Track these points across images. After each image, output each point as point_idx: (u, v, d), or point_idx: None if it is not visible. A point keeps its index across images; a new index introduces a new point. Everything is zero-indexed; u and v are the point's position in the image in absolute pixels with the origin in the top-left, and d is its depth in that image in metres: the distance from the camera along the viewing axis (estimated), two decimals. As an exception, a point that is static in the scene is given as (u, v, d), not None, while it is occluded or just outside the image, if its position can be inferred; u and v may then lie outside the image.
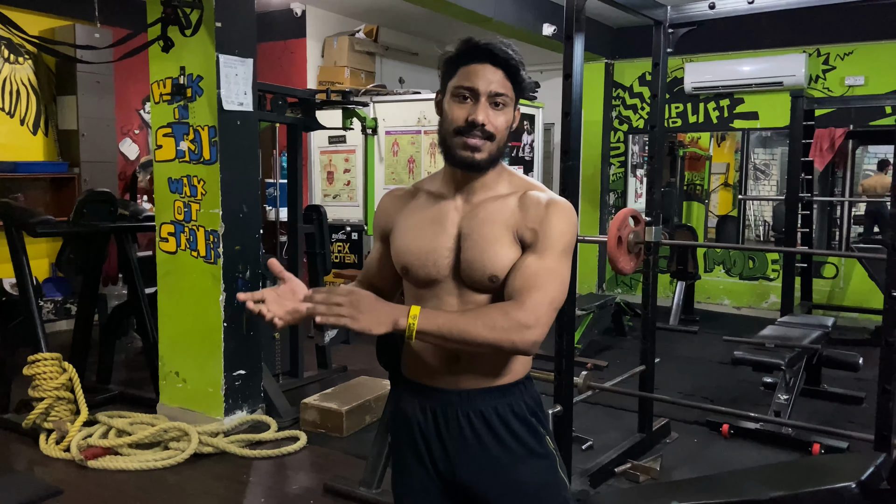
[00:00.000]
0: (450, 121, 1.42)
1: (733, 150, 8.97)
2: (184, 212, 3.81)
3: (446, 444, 1.47)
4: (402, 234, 1.51)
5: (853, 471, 1.89)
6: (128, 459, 3.42)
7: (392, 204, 1.57)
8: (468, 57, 1.41)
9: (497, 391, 1.46)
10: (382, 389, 4.06)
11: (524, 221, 1.43)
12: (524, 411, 1.48)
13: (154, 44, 3.46)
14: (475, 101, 1.40)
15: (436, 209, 1.49)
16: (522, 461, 1.46)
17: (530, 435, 1.47)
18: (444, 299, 1.45)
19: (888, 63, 6.33)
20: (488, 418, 1.45)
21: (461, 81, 1.41)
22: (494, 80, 1.40)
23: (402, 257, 1.48)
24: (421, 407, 1.49)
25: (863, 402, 4.37)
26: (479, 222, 1.44)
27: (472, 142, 1.40)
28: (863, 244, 6.92)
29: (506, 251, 1.41)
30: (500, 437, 1.45)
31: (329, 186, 6.64)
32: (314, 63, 6.90)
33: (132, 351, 5.23)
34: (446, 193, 1.50)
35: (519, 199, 1.46)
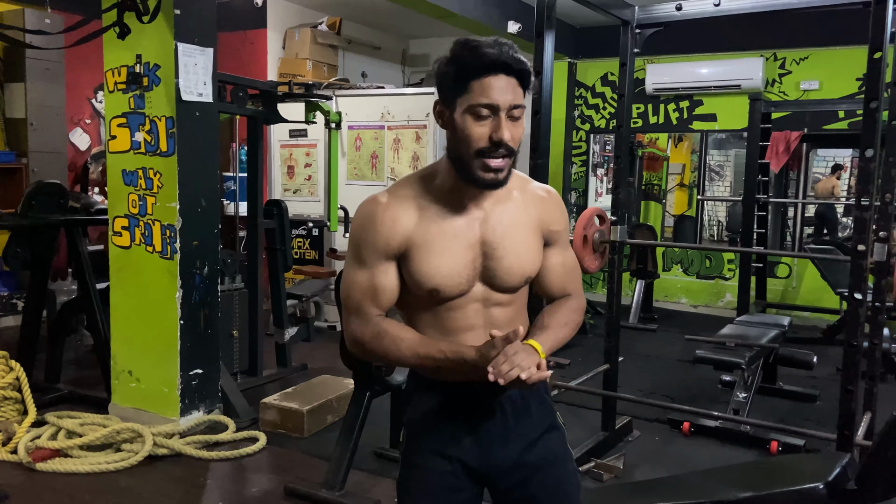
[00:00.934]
0: (470, 141, 1.35)
1: (689, 151, 9.12)
2: (139, 205, 3.68)
3: (477, 432, 1.49)
4: (425, 255, 1.42)
5: (819, 471, 1.90)
6: (78, 462, 3.28)
7: (394, 220, 1.42)
8: (481, 70, 1.33)
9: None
10: (344, 388, 3.99)
11: (546, 224, 1.52)
12: (539, 390, 1.55)
13: (109, 30, 3.32)
14: (495, 117, 1.34)
15: (450, 222, 1.44)
16: (545, 435, 1.54)
17: (547, 411, 1.57)
18: (470, 306, 1.46)
19: (841, 69, 6.50)
20: (514, 401, 1.50)
21: (479, 98, 1.33)
22: (511, 91, 1.35)
23: (432, 280, 1.42)
24: (449, 403, 1.49)
25: (817, 400, 4.47)
26: (504, 229, 1.45)
27: (495, 163, 1.36)
28: (814, 245, 7.10)
29: (537, 252, 1.51)
30: (524, 416, 1.51)
31: (289, 181, 6.52)
32: (275, 55, 6.76)
33: (82, 349, 5.05)
34: (454, 203, 1.44)
35: (522, 195, 1.50)
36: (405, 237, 1.42)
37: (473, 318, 1.46)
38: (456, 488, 1.50)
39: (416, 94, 5.94)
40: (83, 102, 6.35)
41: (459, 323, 1.46)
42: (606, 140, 8.21)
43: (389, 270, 1.44)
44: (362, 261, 1.44)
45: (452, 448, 1.49)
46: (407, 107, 5.93)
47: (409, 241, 1.42)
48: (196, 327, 3.70)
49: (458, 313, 1.45)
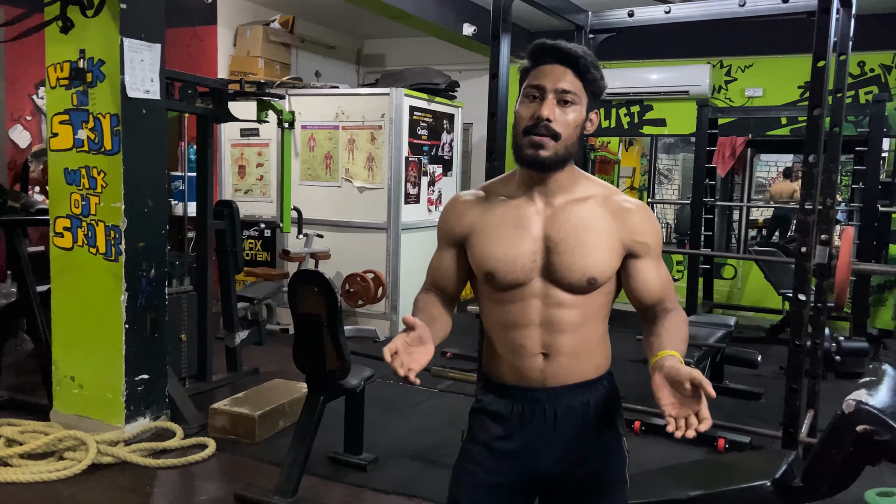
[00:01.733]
0: (518, 121, 1.44)
1: (640, 155, 9.30)
2: (81, 205, 3.55)
3: (530, 439, 1.49)
4: (483, 240, 1.50)
5: (766, 469, 1.95)
6: (19, 471, 3.15)
7: (465, 209, 1.55)
8: (538, 59, 1.44)
9: (582, 387, 1.50)
10: (297, 392, 3.93)
11: (631, 234, 1.47)
12: (607, 409, 1.52)
13: (52, 24, 3.20)
14: (542, 99, 1.42)
15: (515, 213, 1.49)
16: (599, 456, 1.51)
17: (609, 432, 1.53)
18: (529, 301, 1.46)
19: (784, 76, 6.71)
20: (573, 414, 1.49)
21: (530, 81, 1.44)
22: (563, 78, 1.42)
23: (486, 263, 1.48)
24: (506, 405, 1.51)
25: (761, 398, 4.59)
26: (571, 227, 1.45)
27: (536, 139, 1.41)
28: (758, 247, 7.32)
29: (608, 256, 1.46)
30: (580, 430, 1.49)
31: (240, 181, 6.41)
32: (225, 52, 6.63)
33: (22, 353, 4.86)
34: (523, 196, 1.50)
35: (605, 204, 1.49)
36: (470, 224, 1.52)
37: (532, 315, 1.47)
38: (503, 487, 1.52)
39: (372, 95, 5.90)
40: (24, 99, 6.11)
41: (518, 317, 1.47)
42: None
43: (448, 254, 1.57)
44: (438, 245, 1.61)
45: (504, 447, 1.51)
46: (362, 107, 5.89)
47: (472, 227, 1.52)
48: (142, 331, 3.60)
49: (517, 307, 1.47)
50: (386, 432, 3.80)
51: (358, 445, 3.43)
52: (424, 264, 1.67)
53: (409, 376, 1.30)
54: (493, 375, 1.56)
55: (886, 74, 6.43)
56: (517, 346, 1.49)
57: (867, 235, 5.43)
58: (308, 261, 5.71)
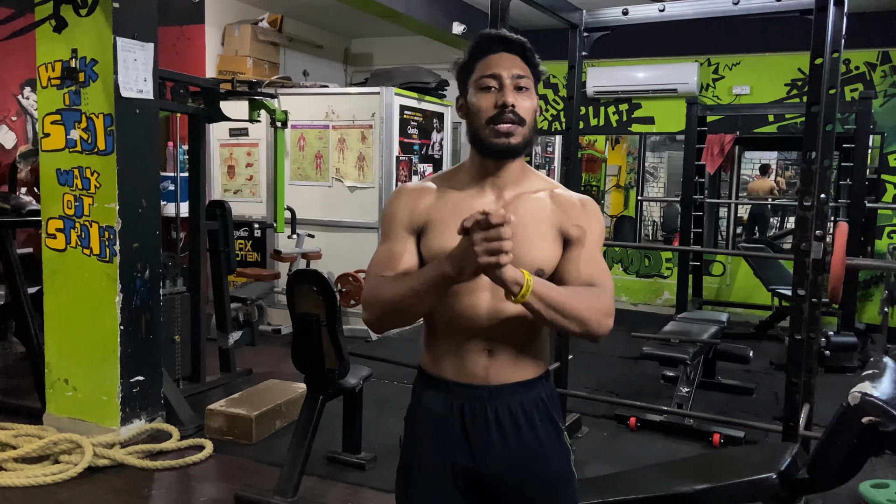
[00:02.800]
0: (480, 112, 1.42)
1: (626, 153, 9.35)
2: (74, 206, 3.52)
3: (471, 440, 1.47)
4: (437, 232, 1.46)
5: (770, 462, 1.97)
6: (13, 475, 3.11)
7: (417, 199, 1.50)
8: (484, 49, 1.44)
9: (524, 386, 1.48)
10: (293, 393, 3.92)
11: (568, 220, 1.47)
12: (547, 406, 1.51)
13: (45, 23, 3.16)
14: (500, 88, 1.41)
15: (467, 204, 1.45)
16: (545, 455, 1.49)
17: (552, 430, 1.50)
18: (478, 294, 1.43)
19: (771, 74, 6.78)
20: (515, 413, 1.46)
21: (483, 72, 1.43)
22: (515, 64, 1.43)
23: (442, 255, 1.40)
24: (447, 403, 1.48)
25: (753, 393, 4.64)
26: (520, 219, 1.41)
27: (504, 127, 1.40)
28: (747, 244, 7.38)
29: (552, 247, 1.46)
30: (525, 432, 1.47)
31: (230, 181, 6.37)
32: (213, 51, 6.58)
33: (12, 356, 4.80)
34: (476, 189, 1.48)
35: (551, 197, 1.50)
36: (424, 214, 1.48)
37: (480, 309, 1.43)
38: (450, 491, 1.48)
39: (362, 94, 5.89)
40: (8, 99, 6.04)
41: (466, 310, 1.44)
42: (547, 141, 8.33)
43: (407, 241, 1.49)
44: (385, 235, 1.52)
45: (447, 450, 1.48)
46: (352, 106, 5.87)
47: (427, 218, 1.48)
48: (137, 333, 3.57)
49: (466, 300, 1.43)
50: (383, 431, 3.79)
51: (357, 445, 3.42)
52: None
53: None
54: (433, 370, 1.51)
55: (871, 72, 6.52)
56: (461, 340, 1.46)
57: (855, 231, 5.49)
58: (299, 261, 5.68)
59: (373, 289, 1.44)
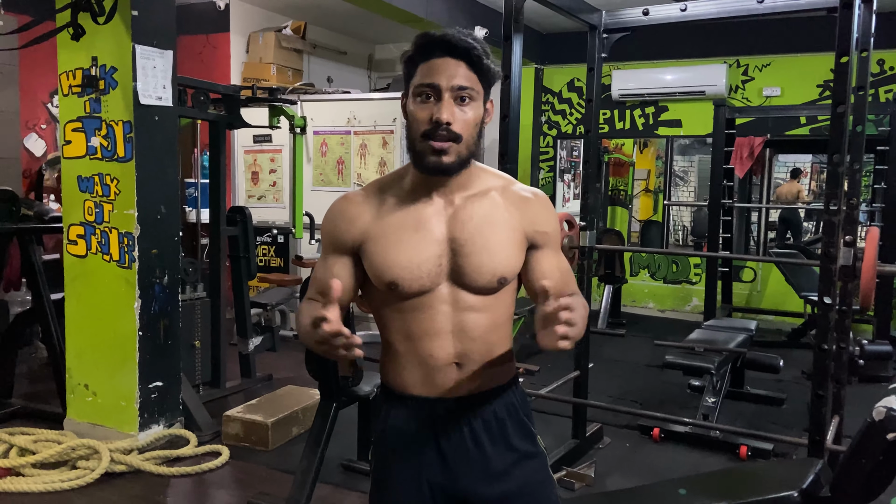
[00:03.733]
0: (414, 124, 1.33)
1: (654, 157, 9.21)
2: (95, 212, 3.54)
3: (446, 455, 1.41)
4: (382, 247, 1.37)
5: (793, 478, 1.88)
6: (31, 481, 3.13)
7: (356, 212, 1.40)
8: (426, 52, 1.32)
9: (493, 393, 1.43)
10: (310, 399, 3.90)
11: (532, 225, 1.42)
12: (518, 412, 1.46)
13: (63, 31, 3.20)
14: (438, 99, 1.31)
15: (413, 214, 1.38)
16: (521, 462, 1.44)
17: (525, 435, 1.46)
18: (437, 307, 1.37)
19: (802, 75, 6.61)
20: (487, 422, 1.42)
21: (421, 79, 1.32)
22: (457, 73, 1.31)
23: (389, 272, 1.35)
24: (417, 419, 1.41)
25: (783, 403, 4.50)
26: (475, 226, 1.36)
27: (437, 145, 1.31)
28: (778, 249, 7.20)
29: (514, 252, 1.40)
30: (499, 441, 1.42)
31: (254, 187, 6.40)
32: (238, 59, 6.63)
33: (37, 362, 4.87)
34: (420, 195, 1.39)
35: (505, 196, 1.42)
36: (363, 230, 1.39)
37: (442, 322, 1.37)
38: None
39: (383, 100, 5.89)
40: (38, 107, 6.14)
41: (426, 326, 1.37)
42: (573, 145, 8.24)
43: (339, 263, 1.41)
44: (324, 254, 1.46)
45: (422, 468, 1.41)
46: (373, 112, 5.86)
47: (367, 233, 1.39)
48: (155, 338, 3.58)
49: (425, 315, 1.37)
50: (400, 439, 3.76)
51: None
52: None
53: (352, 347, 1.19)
54: (397, 387, 1.43)
55: (908, 72, 6.32)
56: (426, 357, 1.38)
57: (890, 236, 5.31)
58: (322, 266, 5.68)
59: (297, 313, 1.47)
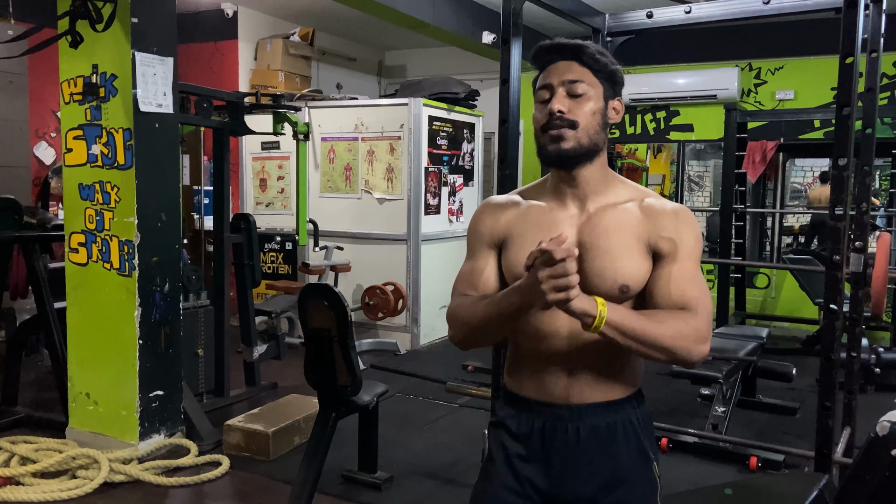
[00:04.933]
0: (536, 123, 1.42)
1: (668, 162, 9.11)
2: (95, 220, 3.54)
3: (552, 460, 1.42)
4: (518, 246, 1.44)
5: (796, 495, 1.81)
6: (30, 490, 3.11)
7: (499, 213, 1.50)
8: (541, 63, 1.43)
9: (608, 407, 1.42)
10: (312, 408, 3.85)
11: (657, 231, 1.38)
12: (636, 430, 1.43)
13: (61, 39, 3.20)
14: (553, 96, 1.39)
15: (549, 219, 1.44)
16: (628, 483, 1.41)
17: (639, 457, 1.43)
18: (557, 313, 1.34)
19: (816, 78, 6.50)
20: (598, 434, 1.41)
21: (539, 84, 1.43)
22: (568, 70, 1.39)
23: (520, 269, 1.36)
24: (527, 421, 1.45)
25: (796, 413, 4.39)
26: (603, 231, 1.39)
27: (554, 132, 1.38)
28: (793, 255, 7.07)
29: (638, 260, 1.38)
30: (608, 456, 1.41)
31: (262, 194, 6.40)
32: (246, 66, 6.65)
33: (43, 370, 4.87)
34: (557, 202, 1.45)
35: (640, 207, 1.42)
36: (506, 228, 1.48)
37: (559, 324, 1.39)
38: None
39: (390, 105, 5.85)
40: (48, 116, 6.19)
41: (546, 327, 1.41)
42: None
43: (489, 257, 1.49)
44: (469, 251, 1.52)
45: (525, 467, 1.44)
46: (381, 118, 5.84)
47: (509, 232, 1.47)
48: (156, 347, 3.56)
49: (545, 319, 1.40)
50: (402, 449, 3.70)
51: (372, 463, 3.34)
52: (445, 275, 1.60)
53: None
54: (514, 388, 1.50)
55: (925, 74, 6.19)
56: (542, 358, 1.43)
57: (907, 241, 5.20)
58: (328, 273, 5.66)
59: (454, 308, 1.46)
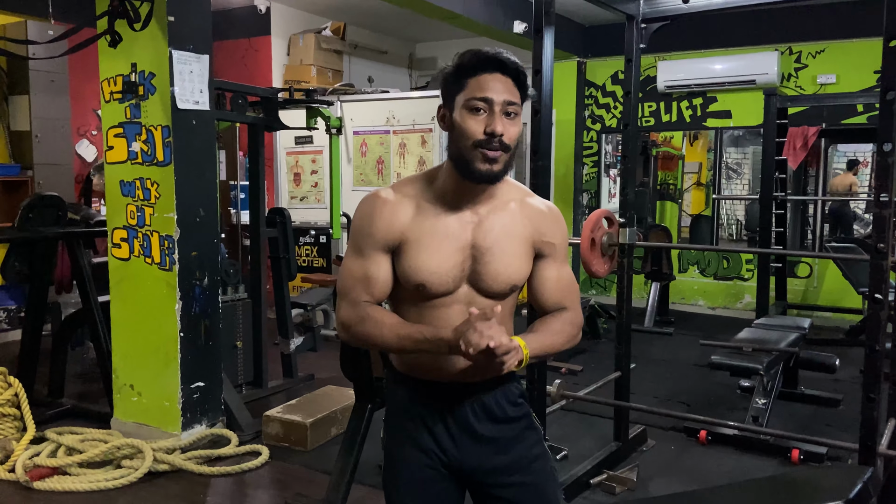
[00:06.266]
0: (467, 135, 1.42)
1: (706, 150, 8.95)
2: (137, 216, 3.61)
3: (453, 435, 1.53)
4: (416, 250, 1.48)
5: (840, 488, 1.76)
6: (76, 480, 3.21)
7: (391, 215, 1.49)
8: (477, 68, 1.42)
9: (496, 381, 1.53)
10: (349, 399, 3.88)
11: (540, 235, 1.54)
12: (515, 395, 1.58)
13: (101, 38, 3.26)
14: (490, 112, 1.41)
15: (444, 222, 1.49)
16: (519, 440, 1.57)
17: (522, 416, 1.59)
18: (453, 306, 1.49)
19: (859, 61, 6.31)
20: (489, 407, 1.54)
21: (474, 93, 1.41)
22: (506, 89, 1.41)
23: (418, 275, 1.47)
24: (425, 403, 1.54)
25: (839, 405, 4.30)
26: (496, 236, 1.49)
27: (491, 154, 1.41)
28: (836, 243, 6.90)
29: (525, 262, 1.53)
30: (500, 423, 1.55)
31: (296, 188, 6.46)
32: (279, 61, 6.70)
33: (88, 362, 5.00)
34: (451, 205, 1.49)
35: (520, 208, 1.54)
36: (401, 232, 1.48)
37: (456, 319, 1.46)
38: (436, 480, 1.55)
39: (422, 98, 5.86)
40: (89, 114, 6.33)
41: (442, 322, 1.48)
42: (619, 140, 8.07)
43: (383, 262, 1.50)
44: (359, 250, 1.51)
45: (429, 442, 1.53)
46: (412, 110, 5.84)
47: (404, 235, 1.48)
48: (197, 339, 3.63)
49: (442, 312, 1.49)
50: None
51: (409, 454, 3.35)
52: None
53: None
54: (406, 370, 1.56)
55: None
56: None
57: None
58: (363, 266, 5.69)
59: (356, 319, 1.47)
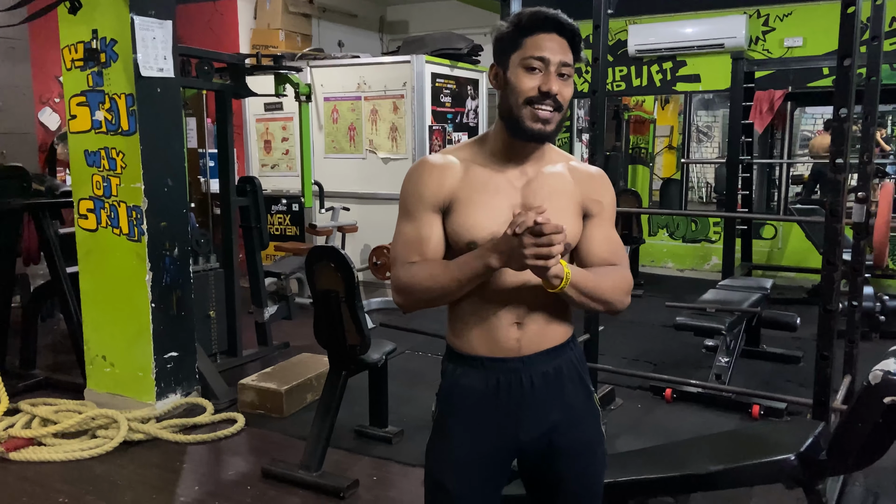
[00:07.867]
0: (519, 91, 1.41)
1: (677, 113, 9.01)
2: (103, 186, 3.57)
3: (507, 409, 1.49)
4: (466, 208, 1.46)
5: (793, 441, 1.86)
6: (52, 450, 3.23)
7: (442, 175, 1.48)
8: (535, 27, 1.42)
9: (554, 352, 1.51)
10: (324, 367, 3.92)
11: (588, 194, 1.52)
12: (576, 369, 1.55)
13: (60, 5, 3.18)
14: (546, 72, 1.40)
15: (494, 181, 1.48)
16: (578, 418, 1.53)
17: (583, 393, 1.55)
18: (505, 270, 1.42)
19: (825, 24, 6.37)
20: (548, 379, 1.50)
21: (531, 52, 1.40)
22: (562, 50, 1.41)
23: (469, 233, 1.44)
24: (482, 379, 1.49)
25: (800, 361, 4.45)
26: (546, 195, 1.47)
27: (542, 114, 1.41)
28: (800, 205, 7.05)
29: (575, 221, 1.50)
30: (557, 396, 1.51)
31: (266, 156, 6.41)
32: (246, 25, 6.58)
33: (59, 333, 4.98)
34: (498, 166, 1.49)
35: (569, 170, 1.53)
36: (450, 191, 1.47)
37: (508, 282, 1.45)
38: (484, 460, 1.51)
39: (393, 63, 5.81)
40: (51, 81, 6.18)
41: (493, 286, 1.46)
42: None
43: (434, 223, 1.48)
44: (409, 214, 1.50)
45: (488, 427, 1.50)
46: (384, 76, 5.80)
47: (454, 195, 1.47)
48: (168, 310, 3.63)
49: (494, 276, 1.45)
50: (414, 404, 3.79)
51: (383, 419, 3.43)
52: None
53: None
54: (463, 348, 1.52)
55: (937, 18, 6.06)
56: (491, 317, 1.48)
57: (914, 189, 5.16)
58: (335, 234, 5.70)
59: (408, 277, 1.45)
